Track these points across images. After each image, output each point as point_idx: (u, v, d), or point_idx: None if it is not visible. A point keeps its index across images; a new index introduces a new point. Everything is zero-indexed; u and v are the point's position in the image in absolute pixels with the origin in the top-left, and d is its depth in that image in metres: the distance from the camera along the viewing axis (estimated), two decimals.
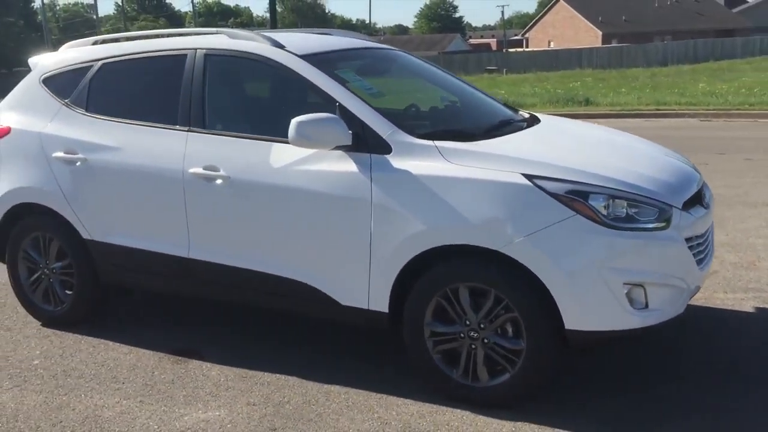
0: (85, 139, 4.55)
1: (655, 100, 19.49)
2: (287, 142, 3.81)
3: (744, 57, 44.75)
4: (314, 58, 4.12)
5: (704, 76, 27.98)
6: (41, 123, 4.76)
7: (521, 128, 4.19)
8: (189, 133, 4.21)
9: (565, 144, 4.10)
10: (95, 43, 5.00)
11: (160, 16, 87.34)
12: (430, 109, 4.71)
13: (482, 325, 3.51)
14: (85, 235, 4.61)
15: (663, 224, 3.39)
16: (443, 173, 3.53)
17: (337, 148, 3.72)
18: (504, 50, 66.38)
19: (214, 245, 4.17)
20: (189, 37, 4.58)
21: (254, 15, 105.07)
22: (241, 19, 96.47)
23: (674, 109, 17.98)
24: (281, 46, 4.16)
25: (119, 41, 4.92)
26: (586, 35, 63.20)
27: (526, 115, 4.64)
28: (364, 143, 3.71)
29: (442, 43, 71.48)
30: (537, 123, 4.40)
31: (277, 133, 3.93)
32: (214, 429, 3.51)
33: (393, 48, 5.13)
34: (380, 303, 3.73)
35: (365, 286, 3.74)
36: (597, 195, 3.34)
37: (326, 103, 3.89)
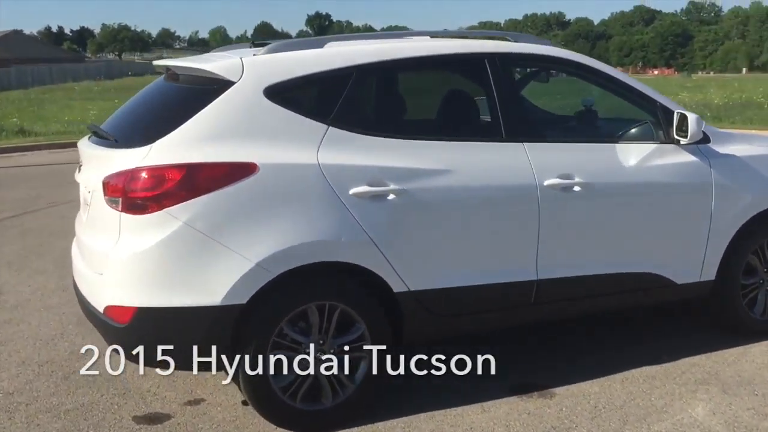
0: (397, 165, 3.52)
1: None
2: (626, 142, 4.07)
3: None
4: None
5: None
6: (305, 152, 3.40)
7: None
8: (525, 143, 3.82)
9: None
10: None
11: None
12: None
13: None
14: (397, 288, 3.54)
15: None
16: (757, 152, 4.46)
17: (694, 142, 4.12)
18: None
19: (566, 259, 3.93)
20: (468, 40, 3.96)
21: None
22: None
23: None
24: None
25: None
26: None
27: None
28: None
29: None
30: None
31: (615, 133, 4.11)
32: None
33: None
34: (710, 273, 4.32)
35: (700, 261, 4.27)
36: None
37: (640, 101, 4.22)
